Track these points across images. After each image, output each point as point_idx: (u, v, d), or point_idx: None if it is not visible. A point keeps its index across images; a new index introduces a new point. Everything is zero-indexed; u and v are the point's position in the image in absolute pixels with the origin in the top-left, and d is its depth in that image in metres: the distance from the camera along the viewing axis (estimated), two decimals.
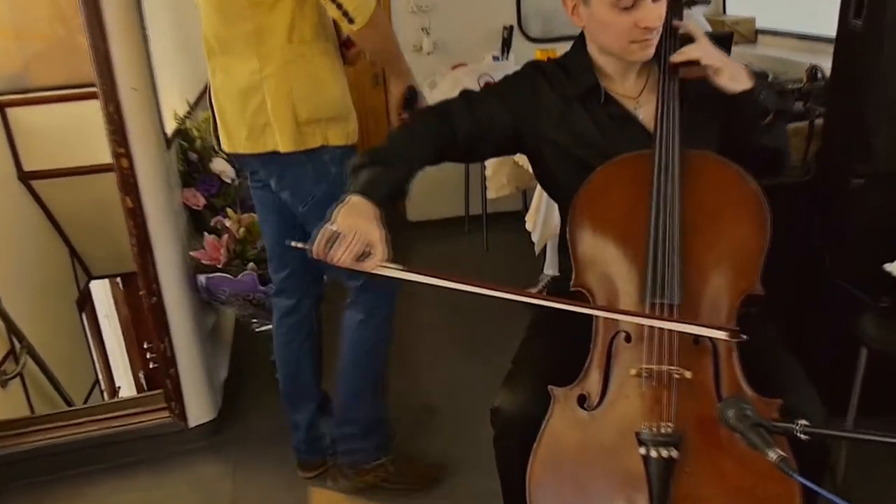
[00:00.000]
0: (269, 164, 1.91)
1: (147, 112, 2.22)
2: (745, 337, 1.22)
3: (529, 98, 1.52)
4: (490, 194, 3.11)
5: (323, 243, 1.24)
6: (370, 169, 1.36)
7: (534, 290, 3.21)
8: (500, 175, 3.04)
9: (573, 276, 1.40)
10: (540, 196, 2.54)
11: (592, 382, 1.34)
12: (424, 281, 1.22)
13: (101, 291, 5.00)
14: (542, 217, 2.55)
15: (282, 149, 1.85)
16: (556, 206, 2.77)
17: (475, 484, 2.18)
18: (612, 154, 1.43)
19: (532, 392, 1.41)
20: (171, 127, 2.47)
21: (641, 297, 1.32)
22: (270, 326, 2.66)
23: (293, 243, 1.26)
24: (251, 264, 2.41)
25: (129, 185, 2.21)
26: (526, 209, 3.93)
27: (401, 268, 1.24)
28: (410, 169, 1.41)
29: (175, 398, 2.46)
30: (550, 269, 3.16)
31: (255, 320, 2.67)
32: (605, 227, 1.40)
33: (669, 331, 1.28)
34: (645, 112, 1.49)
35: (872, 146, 2.00)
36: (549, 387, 1.35)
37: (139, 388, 5.52)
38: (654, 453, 1.22)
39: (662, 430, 1.24)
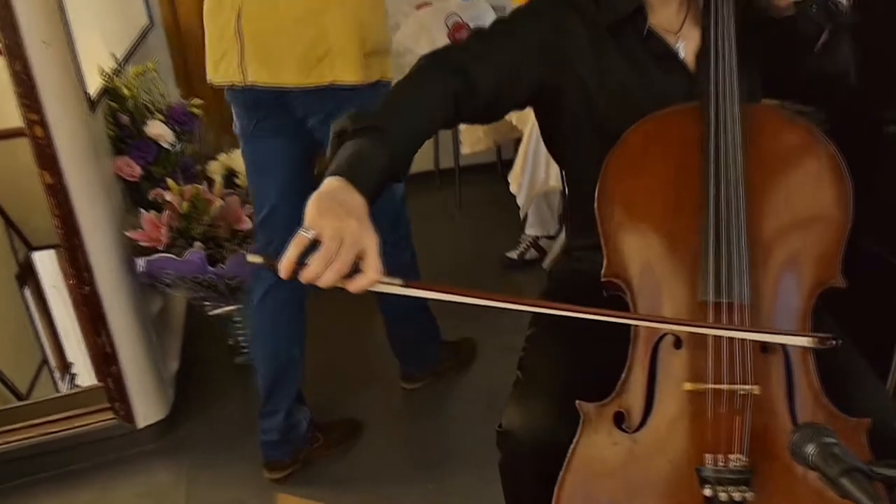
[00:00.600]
0: (320, 99, 1.75)
1: (63, 70, 1.86)
2: (837, 342, 0.96)
3: (557, 36, 1.21)
4: (465, 149, 2.81)
5: (294, 258, 0.88)
6: (358, 140, 1.00)
7: (514, 254, 2.96)
8: (476, 128, 2.74)
9: (604, 264, 1.13)
10: (525, 153, 2.26)
11: (633, 397, 1.08)
12: (432, 297, 0.93)
13: (46, 262, 4.62)
14: (527, 177, 2.28)
15: (348, 79, 1.72)
16: (542, 162, 2.53)
17: None
18: (651, 104, 1.15)
19: (550, 410, 1.16)
20: (95, 86, 2.09)
21: (698, 294, 1.05)
22: (225, 309, 2.39)
23: (250, 258, 0.93)
24: (198, 243, 2.08)
25: (46, 157, 1.85)
26: (501, 161, 3.64)
27: (400, 282, 0.93)
28: (413, 140, 1.07)
29: (119, 398, 2.15)
30: (532, 228, 2.94)
31: (207, 303, 2.36)
32: (646, 200, 1.12)
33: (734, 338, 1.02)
34: (687, 49, 1.21)
35: None
36: (578, 402, 1.09)
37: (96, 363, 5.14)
38: (723, 495, 0.97)
39: (732, 465, 0.99)
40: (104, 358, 2.08)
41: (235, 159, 2.25)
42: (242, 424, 2.25)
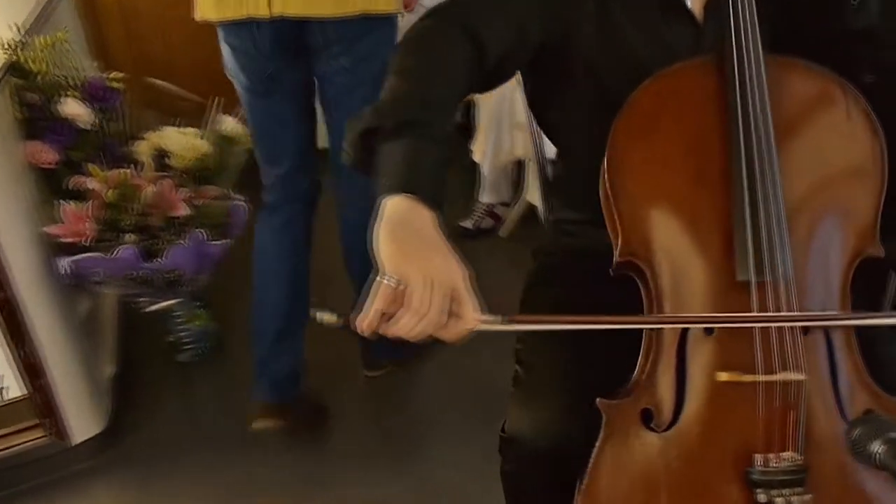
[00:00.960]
0: (348, 30, 1.67)
1: None
2: None
3: None
4: None
5: (380, 314, 0.76)
6: (402, 141, 0.85)
7: (468, 223, 2.82)
8: None
9: (619, 243, 0.98)
10: (490, 118, 2.09)
11: (661, 390, 0.95)
12: (544, 329, 0.88)
13: None
14: (491, 146, 2.12)
15: (383, 8, 1.67)
16: (506, 130, 2.37)
17: None
18: (656, 60, 1.01)
19: (561, 410, 1.03)
20: None
21: (737, 274, 0.91)
22: (164, 304, 2.17)
23: (319, 315, 0.80)
24: (129, 235, 1.85)
25: None
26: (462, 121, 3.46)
27: (500, 318, 0.81)
28: (451, 122, 0.93)
29: (48, 413, 1.92)
30: (487, 196, 2.82)
31: (142, 299, 2.13)
32: (665, 169, 0.97)
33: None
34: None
35: None
36: (598, 401, 0.95)
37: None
38: (780, 501, 0.85)
39: (785, 465, 0.87)
40: (28, 370, 1.84)
41: (166, 137, 2.01)
42: (192, 429, 2.07)
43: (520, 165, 2.59)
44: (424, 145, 0.87)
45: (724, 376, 0.91)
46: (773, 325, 0.88)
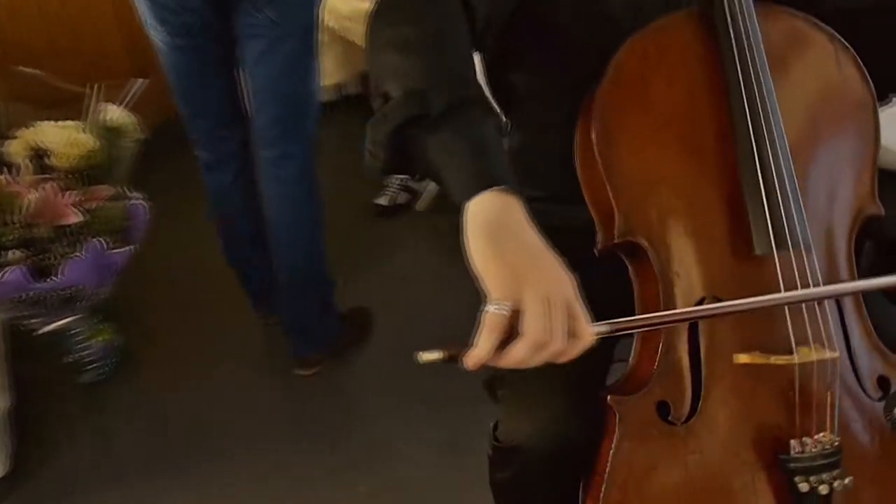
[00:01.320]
0: None
1: None
2: None
3: None
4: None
5: (492, 347, 0.65)
6: (456, 124, 0.72)
7: (384, 199, 2.69)
8: (329, 58, 2.38)
9: (616, 223, 0.88)
10: None
11: (676, 379, 0.87)
12: (655, 326, 0.80)
13: None
14: None
15: None
16: None
17: None
18: (627, 15, 0.92)
19: (562, 409, 0.94)
20: None
21: (755, 247, 0.84)
22: (59, 323, 1.93)
23: (423, 357, 0.70)
24: (14, 252, 1.60)
25: None
26: (344, 99, 3.27)
27: (609, 327, 0.71)
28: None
29: None
30: None
31: (33, 321, 1.88)
32: (661, 137, 0.88)
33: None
34: None
35: None
36: (609, 397, 0.87)
37: None
38: (824, 488, 0.79)
39: (822, 449, 0.81)
40: None
41: (42, 133, 1.75)
42: (106, 457, 1.85)
43: None
44: (482, 124, 0.73)
45: (743, 357, 0.85)
46: (816, 300, 0.82)
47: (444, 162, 0.72)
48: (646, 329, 0.81)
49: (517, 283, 0.65)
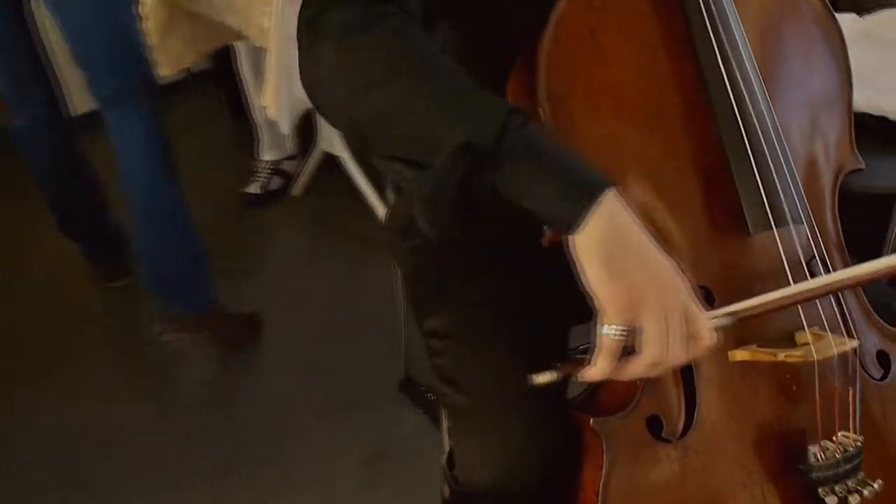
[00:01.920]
0: None
1: None
2: None
3: None
4: (164, 71, 2.11)
5: (608, 368, 0.63)
6: (515, 152, 0.61)
7: (255, 187, 2.45)
8: (174, 40, 2.06)
9: None
10: (278, 64, 1.70)
11: (665, 388, 0.73)
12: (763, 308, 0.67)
13: None
14: (284, 97, 1.74)
15: None
16: (296, 77, 1.95)
17: None
18: None
19: (521, 440, 0.80)
20: None
21: (751, 227, 0.70)
22: None
23: (536, 379, 0.67)
24: None
25: None
26: (217, 69, 2.91)
27: (729, 317, 0.65)
28: None
29: None
30: (269, 153, 2.45)
31: None
32: (624, 101, 0.72)
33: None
34: None
35: None
36: (592, 420, 0.72)
37: None
38: (854, 498, 0.68)
39: (843, 451, 0.69)
40: None
41: None
42: None
43: (308, 114, 2.23)
44: (535, 133, 0.62)
45: (741, 355, 0.71)
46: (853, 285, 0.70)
47: (521, 195, 0.62)
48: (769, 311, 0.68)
49: (634, 304, 0.62)
